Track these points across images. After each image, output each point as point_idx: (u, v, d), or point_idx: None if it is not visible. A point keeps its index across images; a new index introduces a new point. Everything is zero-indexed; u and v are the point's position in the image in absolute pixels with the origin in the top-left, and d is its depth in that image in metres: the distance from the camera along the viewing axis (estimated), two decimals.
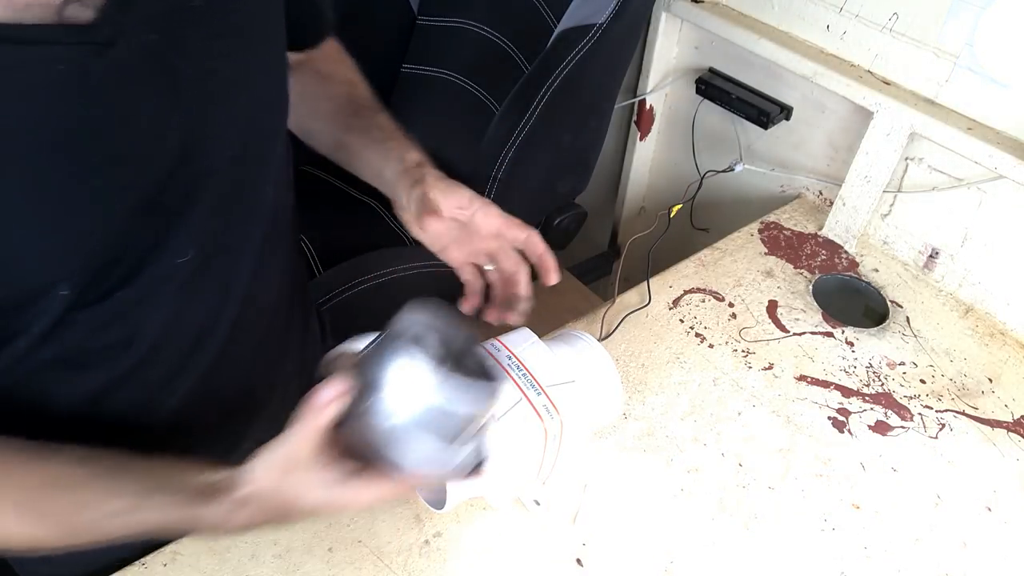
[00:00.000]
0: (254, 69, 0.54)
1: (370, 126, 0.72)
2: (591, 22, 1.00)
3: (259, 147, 0.57)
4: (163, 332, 0.57)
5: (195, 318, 0.59)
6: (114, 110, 0.46)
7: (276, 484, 0.50)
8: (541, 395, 0.67)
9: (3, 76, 0.41)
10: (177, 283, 0.55)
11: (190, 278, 0.55)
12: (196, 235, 0.54)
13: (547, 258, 0.71)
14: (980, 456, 0.84)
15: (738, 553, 0.73)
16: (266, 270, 0.64)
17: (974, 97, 0.95)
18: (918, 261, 1.09)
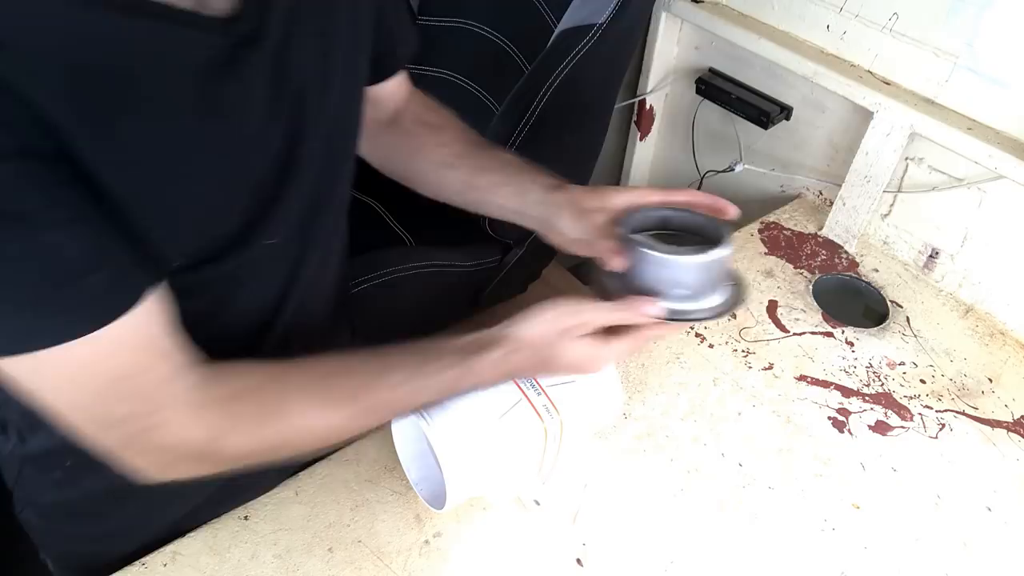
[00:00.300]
0: (344, 69, 0.58)
1: (496, 165, 0.74)
2: (591, 22, 1.00)
3: (343, 142, 0.62)
4: (236, 309, 0.61)
5: (264, 299, 0.63)
6: (242, 95, 0.50)
7: (549, 339, 0.59)
8: (541, 395, 0.67)
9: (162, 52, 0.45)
10: (258, 264, 0.59)
11: (269, 261, 0.60)
12: (286, 220, 0.58)
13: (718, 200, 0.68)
14: (980, 456, 0.84)
15: (738, 553, 0.73)
16: (329, 259, 0.69)
17: (974, 97, 0.95)
18: (918, 261, 1.09)
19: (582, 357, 0.60)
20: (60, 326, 0.45)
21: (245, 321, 0.63)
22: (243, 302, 0.61)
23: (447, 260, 1.16)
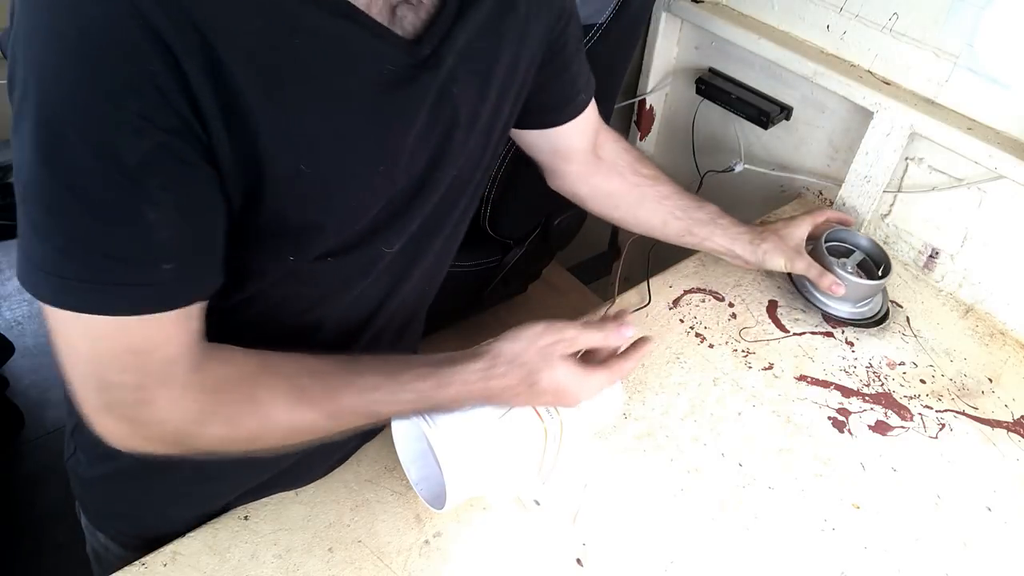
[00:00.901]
0: (488, 113, 0.62)
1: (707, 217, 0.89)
2: (591, 22, 1.00)
3: (470, 172, 0.65)
4: (340, 305, 0.64)
5: (368, 301, 0.66)
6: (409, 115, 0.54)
7: (532, 356, 0.60)
8: None
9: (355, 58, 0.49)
10: (370, 269, 0.62)
11: (381, 267, 0.63)
12: (406, 234, 0.62)
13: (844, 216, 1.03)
14: (980, 456, 0.84)
15: (738, 553, 0.73)
16: (433, 275, 0.74)
17: (974, 97, 0.96)
18: (918, 261, 1.09)
19: (564, 382, 0.61)
20: (112, 299, 0.47)
21: (346, 317, 0.66)
22: (348, 300, 0.64)
23: None
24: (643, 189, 0.87)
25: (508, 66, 0.61)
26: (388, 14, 0.50)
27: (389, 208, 0.59)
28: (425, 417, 0.65)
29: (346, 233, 0.57)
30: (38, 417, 1.74)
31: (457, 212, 0.68)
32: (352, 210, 0.56)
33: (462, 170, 0.63)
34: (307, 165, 0.50)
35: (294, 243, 0.55)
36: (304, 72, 0.47)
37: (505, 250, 1.23)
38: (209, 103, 0.45)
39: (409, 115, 0.54)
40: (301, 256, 0.56)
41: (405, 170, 0.57)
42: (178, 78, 0.43)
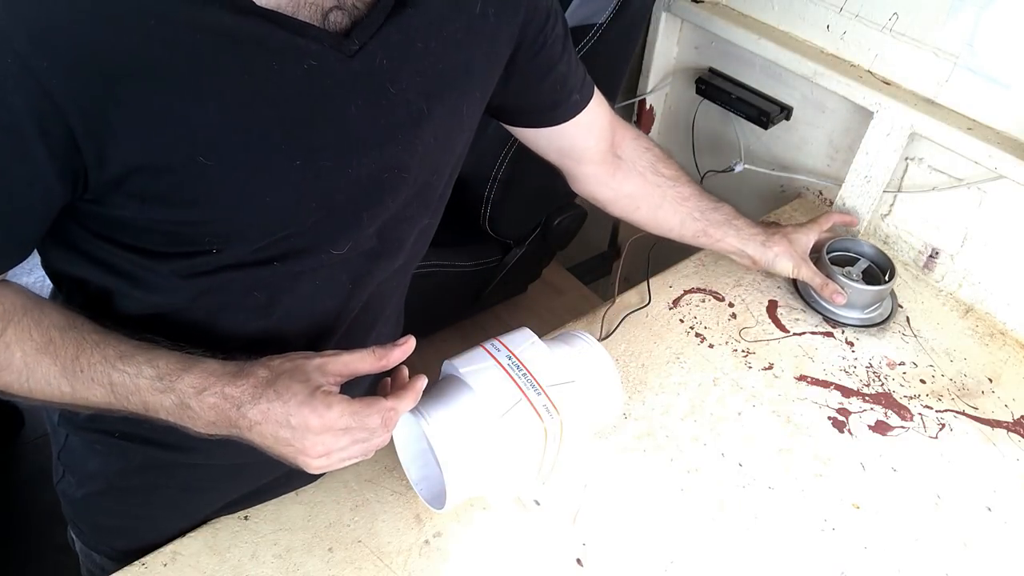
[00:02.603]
0: (443, 112, 0.60)
1: (722, 218, 0.92)
2: (591, 22, 1.00)
3: (430, 174, 0.64)
4: (294, 310, 0.63)
5: (324, 306, 0.65)
6: (333, 112, 0.53)
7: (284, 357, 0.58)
8: (541, 395, 0.67)
9: (268, 55, 0.49)
10: (323, 269, 0.61)
11: (335, 268, 0.62)
12: (359, 236, 0.61)
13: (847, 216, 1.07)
14: (980, 456, 0.84)
15: (738, 553, 0.73)
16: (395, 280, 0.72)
17: (974, 97, 0.95)
18: (918, 261, 1.09)
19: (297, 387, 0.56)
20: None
21: (305, 319, 0.65)
22: (303, 302, 0.63)
23: (447, 260, 1.16)
24: (664, 190, 0.88)
25: (461, 68, 0.61)
26: (320, 17, 0.50)
27: (328, 208, 0.57)
28: (425, 416, 0.65)
29: (278, 232, 0.56)
30: (38, 417, 1.74)
31: (424, 214, 0.67)
32: (275, 208, 0.55)
33: (419, 171, 0.62)
34: (207, 157, 0.49)
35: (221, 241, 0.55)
36: (204, 67, 0.47)
37: (505, 250, 1.23)
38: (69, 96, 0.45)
39: (332, 110, 0.53)
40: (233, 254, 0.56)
41: (339, 169, 0.56)
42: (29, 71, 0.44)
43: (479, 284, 1.24)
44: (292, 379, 0.56)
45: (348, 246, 0.61)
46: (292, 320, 0.64)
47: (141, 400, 0.55)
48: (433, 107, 0.59)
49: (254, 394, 0.55)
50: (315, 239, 0.58)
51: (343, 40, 0.51)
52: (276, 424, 0.55)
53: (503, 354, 0.70)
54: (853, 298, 0.97)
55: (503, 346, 0.71)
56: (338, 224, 0.59)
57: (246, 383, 0.56)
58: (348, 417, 0.56)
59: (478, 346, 0.71)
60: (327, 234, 0.59)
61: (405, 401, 0.61)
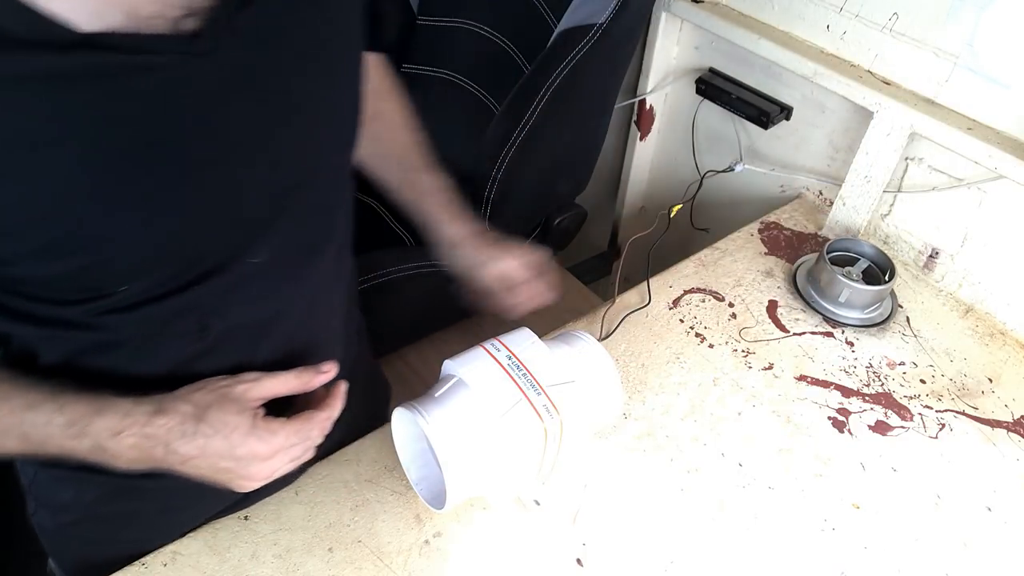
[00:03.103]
0: (337, 93, 0.57)
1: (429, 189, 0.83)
2: (591, 22, 1.00)
3: (339, 160, 0.61)
4: (230, 326, 0.60)
5: (260, 315, 0.61)
6: (207, 120, 0.49)
7: (201, 387, 0.57)
8: (541, 395, 0.67)
9: (109, 81, 0.44)
10: (248, 283, 0.58)
11: (261, 279, 0.59)
12: (275, 241, 0.57)
13: None
14: (980, 456, 0.84)
15: (738, 553, 0.73)
16: (330, 276, 0.67)
17: (974, 97, 0.95)
18: (918, 261, 1.09)
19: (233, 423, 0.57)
20: None
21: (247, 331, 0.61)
22: (241, 316, 0.60)
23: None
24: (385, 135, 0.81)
25: (344, 28, 0.56)
26: (170, 27, 0.45)
27: (230, 220, 0.53)
28: (424, 416, 0.65)
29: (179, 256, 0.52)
30: None
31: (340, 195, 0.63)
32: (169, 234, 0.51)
33: (325, 155, 0.58)
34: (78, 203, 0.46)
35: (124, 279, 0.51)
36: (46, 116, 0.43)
37: None
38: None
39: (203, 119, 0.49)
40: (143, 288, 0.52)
41: (240, 177, 0.52)
42: None
43: None
44: (223, 411, 0.57)
45: (265, 250, 0.57)
46: (232, 337, 0.60)
47: (56, 446, 0.54)
48: (326, 91, 0.56)
49: (183, 431, 0.55)
50: (226, 253, 0.55)
51: (192, 43, 0.46)
52: (217, 457, 0.57)
53: (503, 354, 0.70)
54: (853, 298, 0.97)
55: (503, 346, 0.71)
56: (247, 233, 0.55)
57: (169, 421, 0.55)
58: (293, 437, 0.59)
59: (478, 346, 0.71)
60: (239, 245, 0.55)
61: (335, 407, 0.64)
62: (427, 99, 1.26)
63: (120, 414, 0.55)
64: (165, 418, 0.56)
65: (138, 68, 0.45)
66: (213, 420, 0.57)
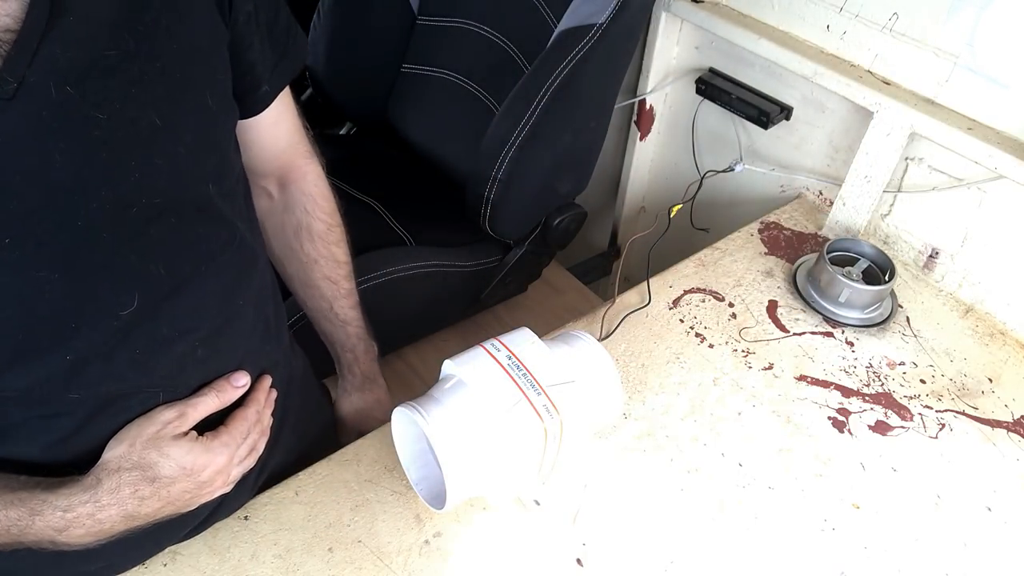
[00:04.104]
0: (182, 114, 0.52)
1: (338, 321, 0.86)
2: (591, 22, 1.00)
3: (198, 190, 0.55)
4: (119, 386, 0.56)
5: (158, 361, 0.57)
6: (23, 165, 0.44)
7: (137, 451, 0.56)
8: (541, 395, 0.67)
9: None
10: (124, 334, 0.53)
11: (142, 325, 0.54)
12: (139, 286, 0.53)
13: None
14: (980, 456, 0.84)
15: (738, 553, 0.73)
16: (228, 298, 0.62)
17: (974, 97, 0.95)
18: (918, 261, 1.09)
19: (188, 461, 0.57)
20: None
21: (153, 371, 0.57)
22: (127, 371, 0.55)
23: (447, 260, 1.16)
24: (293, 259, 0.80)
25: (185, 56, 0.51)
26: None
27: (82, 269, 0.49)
28: (424, 415, 0.65)
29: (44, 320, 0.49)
30: None
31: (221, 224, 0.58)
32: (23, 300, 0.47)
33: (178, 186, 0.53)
34: None
35: None
36: None
37: (505, 250, 1.23)
38: None
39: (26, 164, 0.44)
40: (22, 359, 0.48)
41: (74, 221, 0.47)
42: None
43: (479, 284, 1.24)
44: (170, 457, 0.57)
45: (135, 299, 0.52)
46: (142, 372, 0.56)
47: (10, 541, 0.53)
48: (168, 115, 0.50)
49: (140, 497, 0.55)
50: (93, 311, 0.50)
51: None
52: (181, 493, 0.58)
53: (503, 354, 0.70)
54: (853, 298, 0.97)
55: (503, 346, 0.71)
56: (108, 283, 0.51)
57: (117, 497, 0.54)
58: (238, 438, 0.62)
59: (478, 346, 0.71)
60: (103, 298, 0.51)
61: (259, 400, 0.66)
62: (427, 99, 1.26)
63: (59, 511, 0.53)
64: (113, 496, 0.54)
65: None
66: (167, 472, 0.56)
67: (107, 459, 0.55)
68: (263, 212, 0.77)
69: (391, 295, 1.10)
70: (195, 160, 0.54)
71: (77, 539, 0.54)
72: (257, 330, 0.68)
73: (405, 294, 1.12)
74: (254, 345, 0.68)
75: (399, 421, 0.72)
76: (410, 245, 1.19)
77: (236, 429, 0.63)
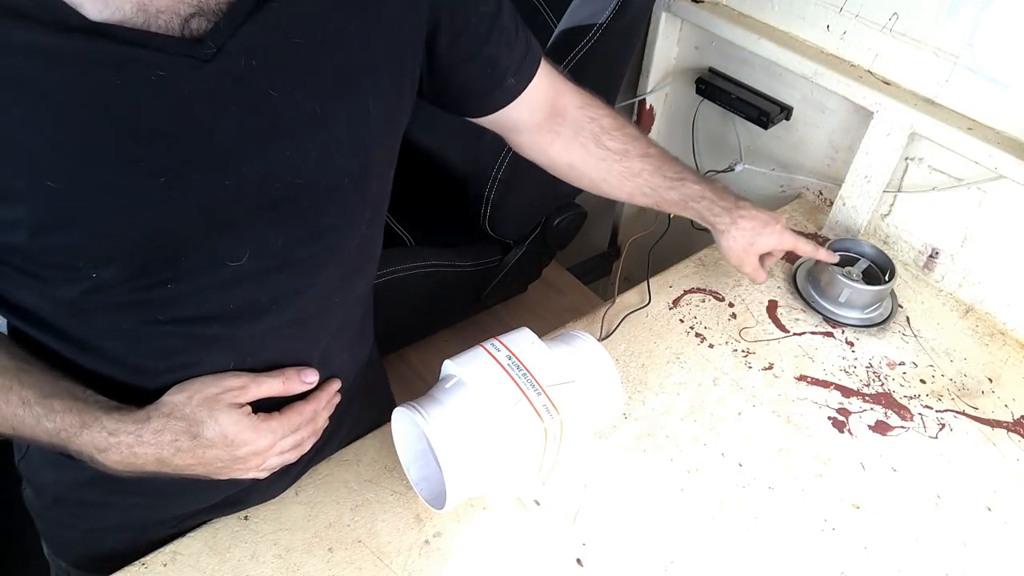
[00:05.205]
0: (343, 112, 0.56)
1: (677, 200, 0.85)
2: (591, 22, 1.00)
3: (336, 182, 0.59)
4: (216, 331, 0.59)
5: (246, 322, 0.60)
6: (197, 122, 0.49)
7: (192, 406, 0.57)
8: (541, 395, 0.67)
9: (103, 70, 0.45)
10: (227, 289, 0.57)
11: (243, 284, 0.58)
12: (252, 249, 0.56)
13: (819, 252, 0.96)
14: (980, 456, 0.84)
15: (738, 553, 0.73)
16: (330, 293, 0.65)
17: (974, 97, 0.95)
18: (918, 261, 1.09)
19: (232, 432, 0.59)
20: None
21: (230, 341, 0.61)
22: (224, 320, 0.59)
23: (447, 260, 1.16)
24: (608, 164, 0.82)
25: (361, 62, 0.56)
26: (178, 26, 0.47)
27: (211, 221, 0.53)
28: (424, 415, 0.65)
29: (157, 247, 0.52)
30: None
31: (349, 222, 0.62)
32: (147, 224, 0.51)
33: (318, 177, 0.57)
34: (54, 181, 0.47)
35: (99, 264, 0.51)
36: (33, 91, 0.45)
37: (505, 250, 1.23)
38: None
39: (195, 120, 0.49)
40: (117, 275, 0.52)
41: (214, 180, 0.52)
42: None
43: (479, 284, 1.24)
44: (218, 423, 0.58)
45: (246, 256, 0.56)
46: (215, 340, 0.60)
47: (47, 444, 0.56)
48: (329, 108, 0.55)
49: (177, 448, 0.57)
50: (206, 254, 0.54)
51: (196, 46, 0.47)
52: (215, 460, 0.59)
53: (503, 354, 0.70)
54: (853, 298, 0.97)
55: (503, 346, 0.71)
56: (227, 236, 0.55)
57: (160, 439, 0.57)
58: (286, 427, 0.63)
59: (478, 346, 0.71)
60: (220, 247, 0.55)
61: (321, 400, 0.67)
62: None
63: (106, 432, 0.56)
64: (155, 437, 0.56)
65: (135, 63, 0.46)
66: (209, 434, 0.58)
67: (163, 402, 0.58)
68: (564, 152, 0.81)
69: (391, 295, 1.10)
70: (342, 155, 0.58)
71: (113, 463, 0.57)
72: (345, 333, 0.71)
73: (405, 294, 1.12)
74: (337, 347, 0.70)
75: (399, 421, 0.72)
76: (410, 245, 1.20)
77: (288, 420, 0.63)
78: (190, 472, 0.60)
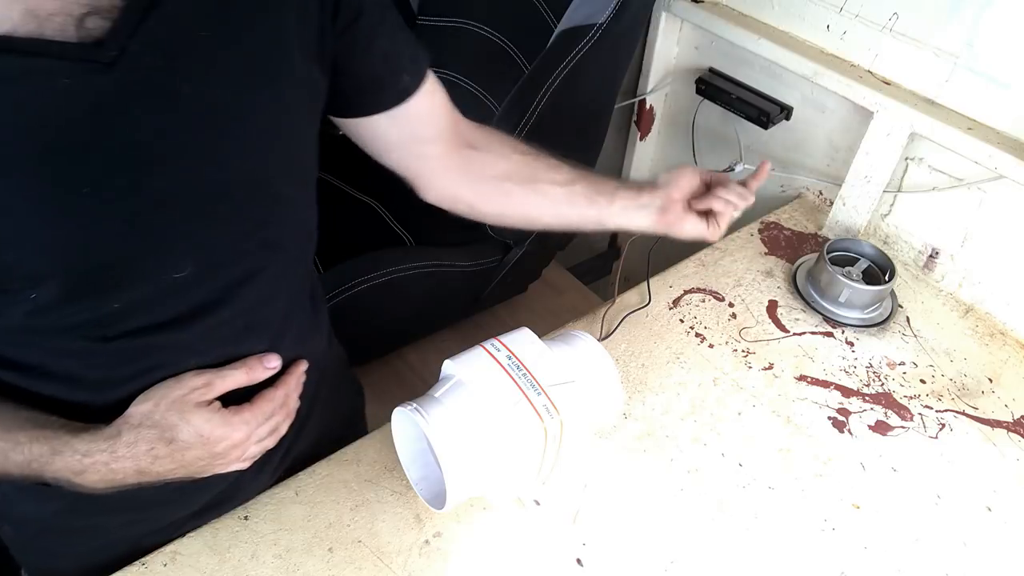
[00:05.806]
0: (259, 100, 0.55)
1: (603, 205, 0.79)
2: (591, 22, 1.00)
3: (262, 175, 0.58)
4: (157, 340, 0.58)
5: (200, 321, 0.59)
6: (112, 127, 0.48)
7: (161, 411, 0.57)
8: (541, 395, 0.67)
9: (9, 85, 0.44)
10: (175, 295, 0.56)
11: (191, 289, 0.57)
12: (193, 253, 0.55)
13: None
14: (980, 456, 0.84)
15: (738, 553, 0.73)
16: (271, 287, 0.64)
17: (974, 97, 0.95)
18: (918, 261, 1.09)
19: (207, 430, 0.58)
20: None
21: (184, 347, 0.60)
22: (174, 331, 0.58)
23: (447, 260, 1.16)
24: (534, 162, 0.77)
25: (269, 48, 0.54)
26: (74, 28, 0.45)
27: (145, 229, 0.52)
28: (424, 415, 0.65)
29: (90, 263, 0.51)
30: None
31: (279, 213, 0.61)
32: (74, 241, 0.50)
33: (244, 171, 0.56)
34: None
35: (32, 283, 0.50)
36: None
37: (505, 250, 1.23)
38: None
39: (107, 127, 0.48)
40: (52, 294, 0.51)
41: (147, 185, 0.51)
42: None
43: (479, 284, 1.24)
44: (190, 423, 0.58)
45: (190, 265, 0.55)
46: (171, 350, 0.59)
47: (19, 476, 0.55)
48: (245, 98, 0.54)
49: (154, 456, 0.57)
50: (145, 265, 0.53)
51: (96, 49, 0.45)
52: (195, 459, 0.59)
53: (503, 354, 0.70)
54: (853, 298, 0.97)
55: (503, 346, 0.71)
56: (166, 245, 0.53)
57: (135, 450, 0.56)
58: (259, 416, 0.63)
59: (478, 346, 0.71)
60: (158, 258, 0.54)
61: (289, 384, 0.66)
62: None
63: (79, 455, 0.55)
64: (130, 449, 0.56)
65: (37, 74, 0.44)
66: (184, 437, 0.58)
67: (130, 414, 0.57)
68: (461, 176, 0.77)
69: (391, 295, 1.10)
70: (265, 143, 0.57)
71: (92, 484, 0.56)
72: (298, 317, 0.70)
73: (405, 294, 1.12)
74: (293, 330, 0.69)
75: (399, 421, 0.72)
76: (410, 245, 1.20)
77: (260, 408, 0.63)
78: (172, 476, 0.59)
